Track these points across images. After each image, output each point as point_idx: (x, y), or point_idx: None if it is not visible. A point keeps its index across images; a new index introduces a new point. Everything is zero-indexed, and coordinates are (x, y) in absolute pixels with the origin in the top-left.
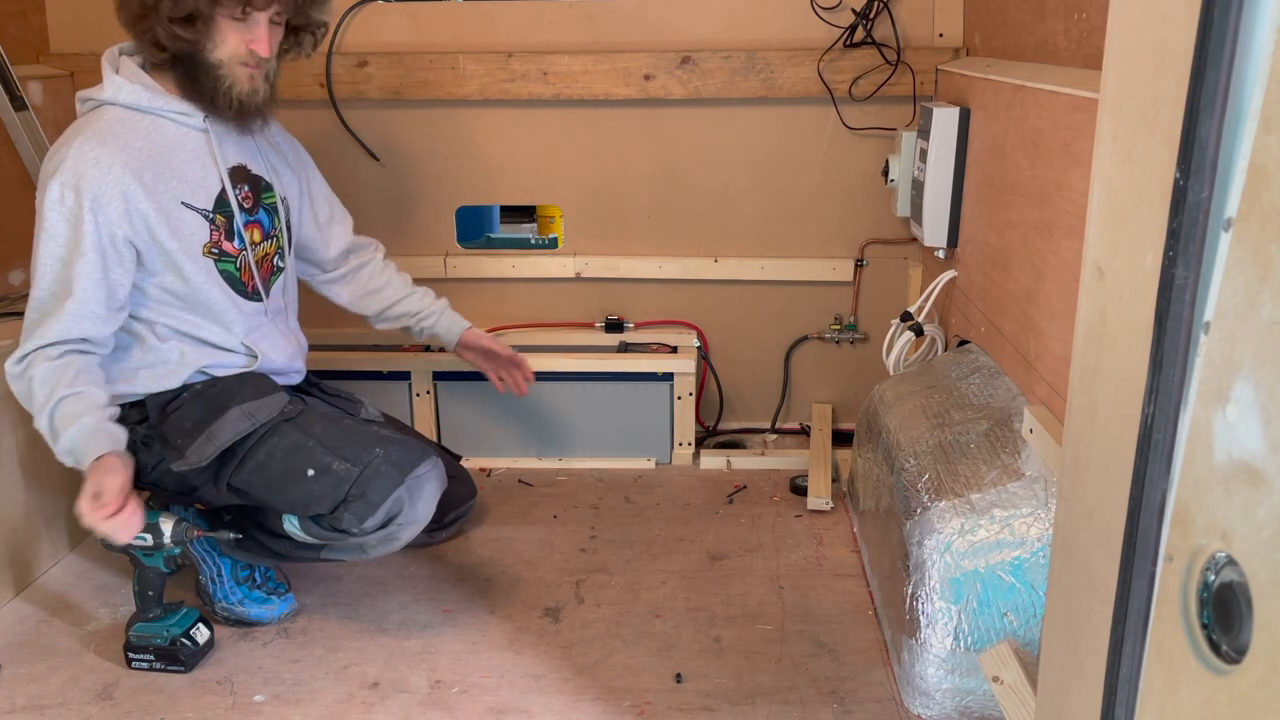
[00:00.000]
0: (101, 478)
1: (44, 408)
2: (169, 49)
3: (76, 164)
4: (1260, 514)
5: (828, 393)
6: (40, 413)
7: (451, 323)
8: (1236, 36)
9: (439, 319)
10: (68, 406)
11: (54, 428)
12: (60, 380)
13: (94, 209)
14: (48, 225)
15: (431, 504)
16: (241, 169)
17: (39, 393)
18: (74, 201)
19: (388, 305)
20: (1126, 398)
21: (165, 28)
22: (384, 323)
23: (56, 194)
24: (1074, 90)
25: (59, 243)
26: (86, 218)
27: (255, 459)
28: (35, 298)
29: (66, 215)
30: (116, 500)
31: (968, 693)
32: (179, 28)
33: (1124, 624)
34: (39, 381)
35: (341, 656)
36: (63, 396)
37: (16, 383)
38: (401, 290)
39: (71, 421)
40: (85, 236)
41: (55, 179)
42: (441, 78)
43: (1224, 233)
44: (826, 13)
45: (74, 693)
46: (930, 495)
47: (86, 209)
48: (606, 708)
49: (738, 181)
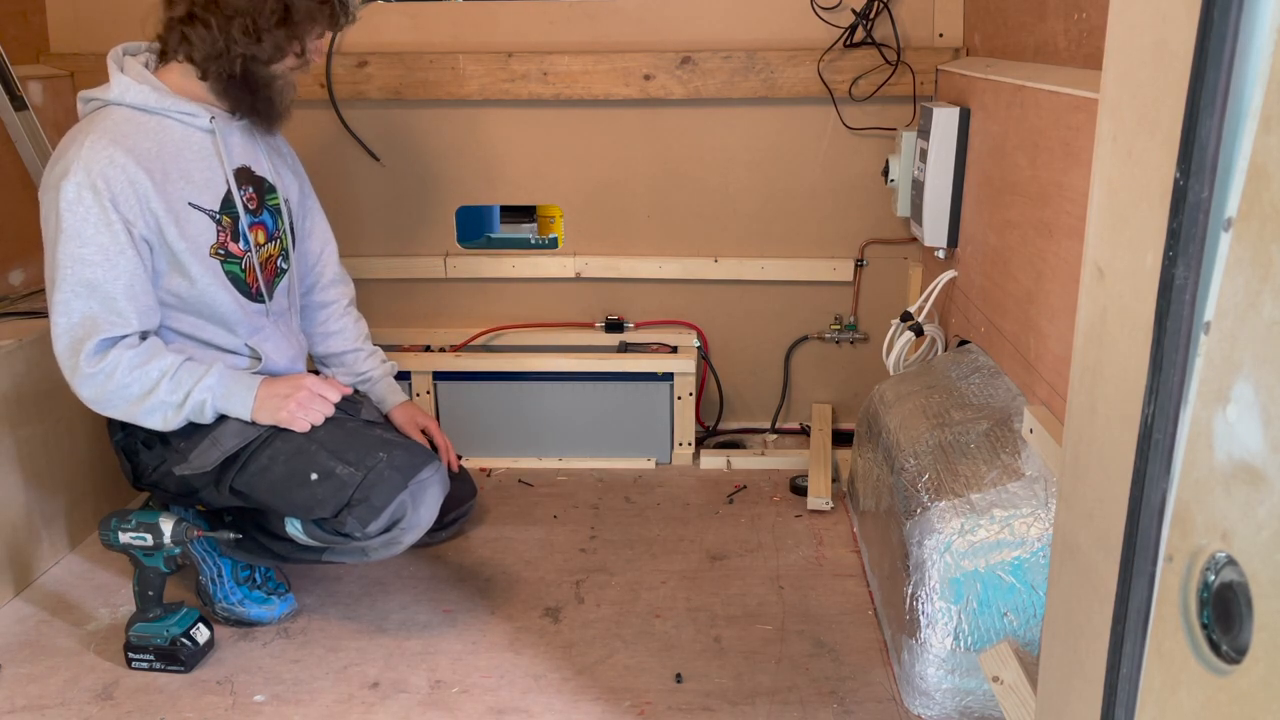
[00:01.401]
0: (290, 382)
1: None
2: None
3: (90, 163)
4: (1260, 514)
5: (828, 393)
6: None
7: (386, 391)
8: (1236, 36)
9: (374, 386)
10: (190, 367)
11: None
12: (157, 354)
13: (115, 206)
14: (67, 227)
15: (434, 508)
16: (246, 170)
17: (136, 376)
18: (93, 201)
19: (335, 353)
20: (1126, 398)
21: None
22: (323, 365)
23: (73, 194)
24: (1074, 90)
25: (80, 243)
26: (113, 217)
27: (258, 463)
28: (66, 303)
29: (87, 216)
30: (327, 385)
31: (968, 693)
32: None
33: (1124, 624)
34: (130, 366)
35: (341, 656)
36: (180, 363)
37: (99, 381)
38: (352, 343)
39: (205, 371)
40: (119, 235)
41: (69, 180)
42: (441, 78)
43: (1224, 233)
44: (826, 13)
45: (74, 693)
46: (930, 495)
47: (109, 208)
48: (606, 708)
49: (738, 181)
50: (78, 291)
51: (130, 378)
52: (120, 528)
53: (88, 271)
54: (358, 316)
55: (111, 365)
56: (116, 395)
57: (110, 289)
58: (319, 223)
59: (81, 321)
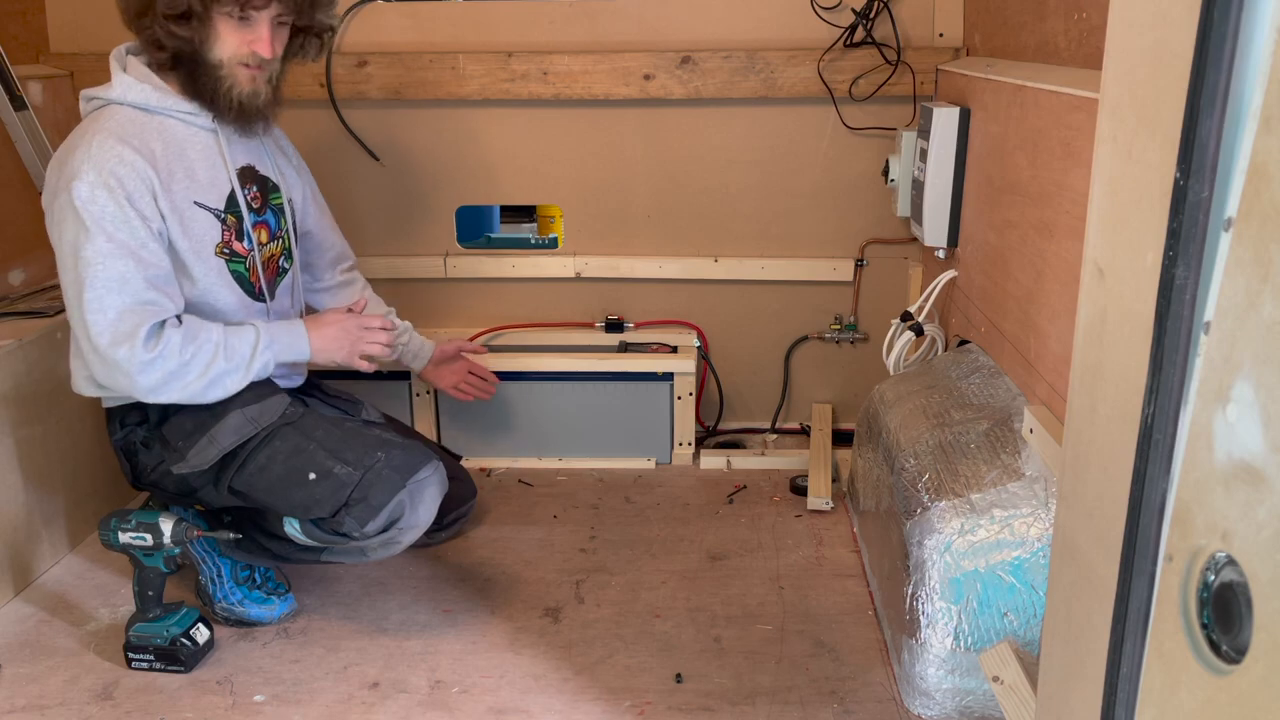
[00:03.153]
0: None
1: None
2: (168, 47)
3: (100, 162)
4: (1260, 514)
5: (828, 393)
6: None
7: (423, 342)
8: (1236, 36)
9: (412, 335)
10: (237, 331)
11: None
12: (203, 326)
13: (130, 202)
14: (89, 225)
15: (433, 508)
16: (249, 169)
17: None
18: (108, 198)
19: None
20: (1126, 398)
21: (162, 25)
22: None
23: (87, 194)
24: (1074, 90)
25: (106, 238)
26: (129, 211)
27: (256, 462)
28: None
29: (104, 213)
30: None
31: (968, 693)
32: (175, 25)
33: (1124, 624)
34: (181, 342)
35: (341, 656)
36: (225, 334)
37: (154, 369)
38: (380, 309)
39: (254, 332)
40: (138, 229)
41: (81, 180)
42: (441, 78)
43: (1224, 233)
44: (826, 13)
45: (74, 693)
46: (930, 495)
47: (125, 204)
48: (606, 708)
49: (738, 181)
50: (110, 288)
51: (188, 353)
52: (120, 528)
53: (118, 266)
54: (364, 285)
55: (166, 347)
56: (178, 376)
57: (140, 281)
58: (325, 219)
59: (121, 316)
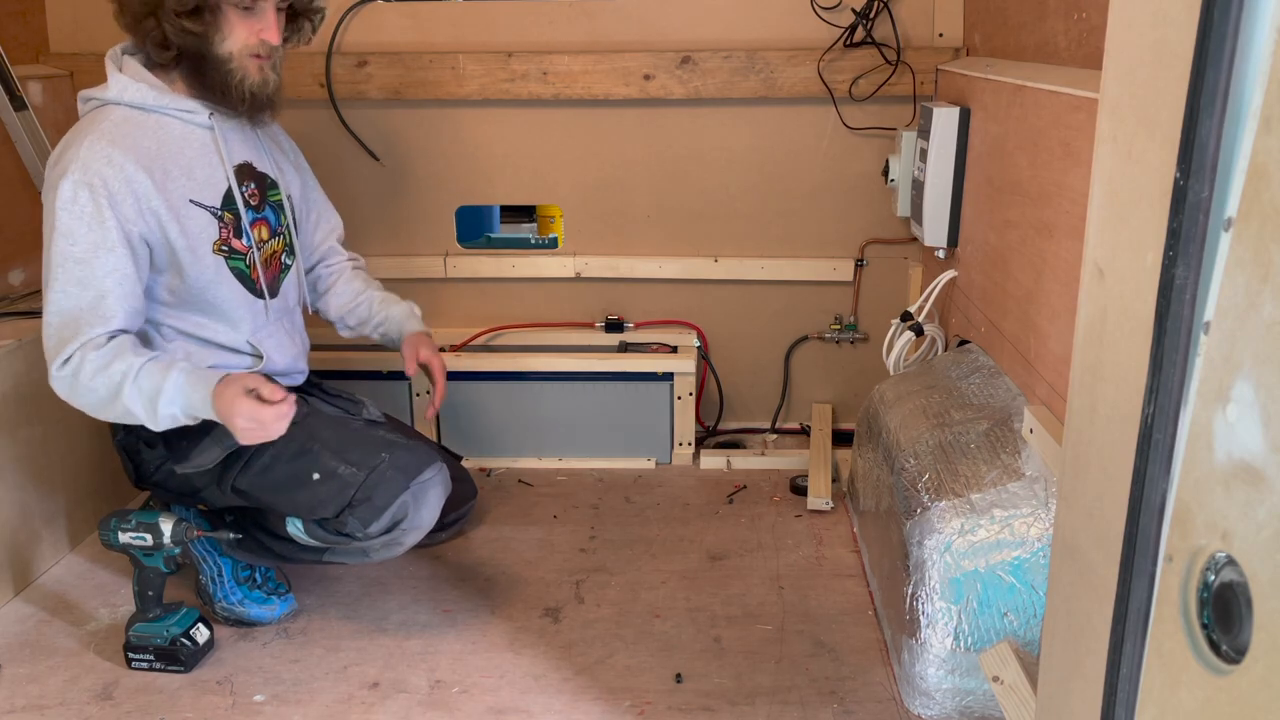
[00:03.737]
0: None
1: (119, 386)
2: (176, 45)
3: (87, 163)
4: (1260, 514)
5: (828, 393)
6: (116, 394)
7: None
8: (1236, 36)
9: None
10: (150, 372)
11: (146, 397)
12: (120, 355)
13: (111, 205)
14: (60, 226)
15: (436, 509)
16: (247, 166)
17: (101, 381)
18: (89, 200)
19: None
20: (1126, 398)
21: (172, 23)
22: (346, 329)
23: (69, 194)
24: (1074, 90)
25: (72, 241)
26: (107, 215)
27: (260, 462)
28: (56, 302)
29: (81, 215)
30: (275, 389)
31: (968, 693)
32: (186, 21)
33: (1124, 624)
34: (94, 369)
35: (341, 656)
36: (140, 367)
37: (67, 384)
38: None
39: (163, 379)
40: (110, 232)
41: (66, 179)
42: (441, 78)
43: (1224, 233)
44: (826, 13)
45: (74, 693)
46: (930, 495)
47: (104, 206)
48: (606, 708)
49: (738, 181)
50: (68, 290)
51: (95, 381)
52: (120, 528)
53: (79, 270)
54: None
55: (76, 366)
56: (83, 398)
57: (100, 286)
58: (325, 213)
59: (66, 322)
